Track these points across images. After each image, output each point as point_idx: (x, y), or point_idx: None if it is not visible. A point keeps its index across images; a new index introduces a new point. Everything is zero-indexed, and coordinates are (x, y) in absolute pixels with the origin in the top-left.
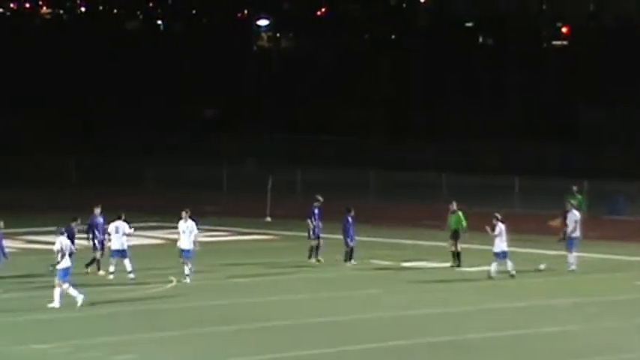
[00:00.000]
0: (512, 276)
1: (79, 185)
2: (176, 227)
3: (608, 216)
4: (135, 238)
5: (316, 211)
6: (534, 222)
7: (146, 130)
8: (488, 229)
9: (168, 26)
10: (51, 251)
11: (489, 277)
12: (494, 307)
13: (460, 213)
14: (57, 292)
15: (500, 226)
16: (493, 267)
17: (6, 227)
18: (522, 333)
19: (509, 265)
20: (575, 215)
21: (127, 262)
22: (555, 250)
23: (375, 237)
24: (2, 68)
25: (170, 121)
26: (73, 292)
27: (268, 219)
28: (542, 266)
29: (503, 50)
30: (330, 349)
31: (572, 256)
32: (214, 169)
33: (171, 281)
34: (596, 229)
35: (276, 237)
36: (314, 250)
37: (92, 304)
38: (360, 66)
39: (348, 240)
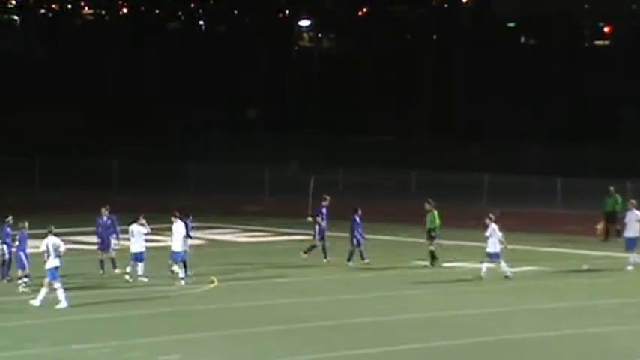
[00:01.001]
0: (506, 277)
1: (121, 187)
2: (216, 228)
3: None
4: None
5: (324, 210)
6: (575, 222)
7: (191, 132)
8: (487, 223)
9: (210, 27)
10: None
11: (479, 278)
12: (535, 307)
13: (435, 212)
14: (43, 291)
15: (493, 227)
16: (484, 267)
17: (57, 227)
18: (563, 334)
19: (503, 266)
20: (636, 215)
21: (140, 265)
22: (598, 250)
23: (415, 237)
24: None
25: (214, 123)
26: (60, 294)
27: (310, 219)
28: (584, 266)
29: (545, 50)
30: (373, 349)
31: (634, 256)
32: (256, 170)
33: (212, 281)
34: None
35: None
36: (323, 251)
37: (124, 302)
38: (402, 66)
39: (354, 240)
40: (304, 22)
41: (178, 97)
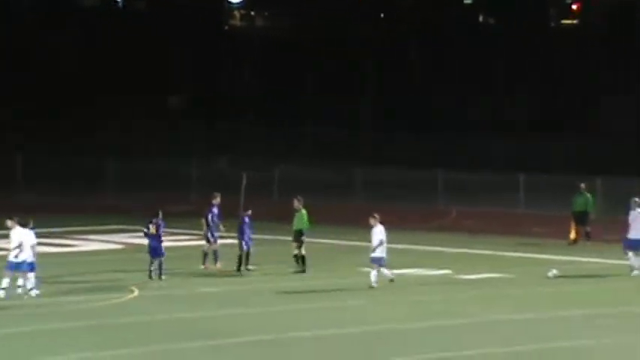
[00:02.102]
0: (391, 280)
1: (27, 184)
2: (138, 231)
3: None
4: (93, 243)
5: (215, 210)
6: (541, 223)
7: (105, 121)
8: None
9: (128, 4)
10: None
11: (370, 287)
12: (499, 318)
13: (304, 212)
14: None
15: (379, 228)
16: (373, 275)
17: None
18: (527, 349)
19: (385, 272)
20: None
21: (31, 276)
22: (566, 255)
23: (362, 241)
24: None
25: (135, 112)
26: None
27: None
28: (551, 273)
29: (506, 30)
30: None
31: (638, 260)
32: (182, 165)
33: (132, 291)
34: (613, 231)
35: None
36: (213, 254)
37: (33, 316)
38: (344, 48)
39: (243, 243)
40: None
41: (95, 84)
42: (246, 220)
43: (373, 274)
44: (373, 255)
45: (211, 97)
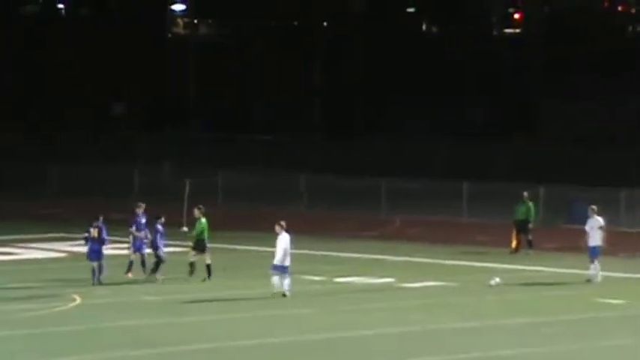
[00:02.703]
0: (284, 295)
1: None
2: (79, 239)
3: (568, 225)
4: (35, 251)
5: (141, 220)
6: (484, 232)
7: (47, 129)
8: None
9: (71, 10)
10: None
11: (273, 295)
12: (439, 327)
13: (204, 220)
14: None
15: (285, 236)
16: (275, 281)
17: None
18: (470, 357)
19: (286, 283)
20: (598, 221)
21: None
22: (508, 263)
23: (305, 249)
24: None
25: (74, 118)
26: None
27: (185, 229)
28: (493, 281)
29: (450, 39)
30: None
31: (597, 266)
32: (125, 172)
33: (74, 300)
34: (553, 240)
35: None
36: (142, 267)
37: None
38: (290, 56)
39: (158, 251)
40: (178, 7)
41: (37, 90)
42: (160, 228)
43: (275, 279)
44: (276, 263)
45: (155, 103)
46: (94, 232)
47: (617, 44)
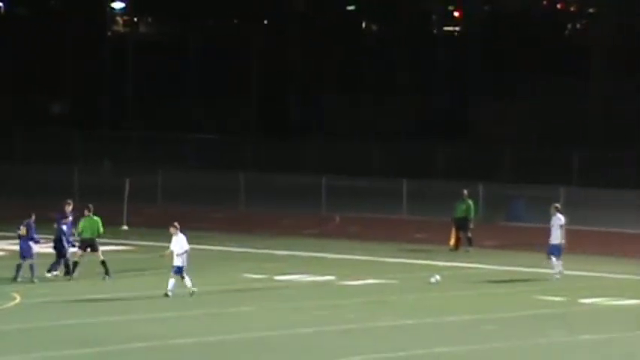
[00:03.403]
0: (191, 294)
1: None
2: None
3: (507, 222)
4: None
5: (69, 217)
6: (423, 230)
7: None
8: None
9: (9, 8)
10: None
11: (165, 295)
12: (380, 325)
13: (98, 219)
14: None
15: (180, 237)
16: (170, 283)
17: None
18: (413, 354)
19: (187, 281)
20: (559, 219)
21: None
22: (447, 261)
23: (246, 248)
24: None
25: (14, 116)
26: None
27: (125, 227)
28: (434, 279)
29: (389, 37)
30: None
31: (559, 264)
32: (64, 171)
33: (14, 299)
34: (493, 237)
35: (133, 247)
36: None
37: None
38: (229, 54)
39: (67, 246)
40: (118, 5)
41: None
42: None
43: (171, 282)
44: (175, 264)
45: (94, 102)
46: (22, 229)
47: (557, 42)
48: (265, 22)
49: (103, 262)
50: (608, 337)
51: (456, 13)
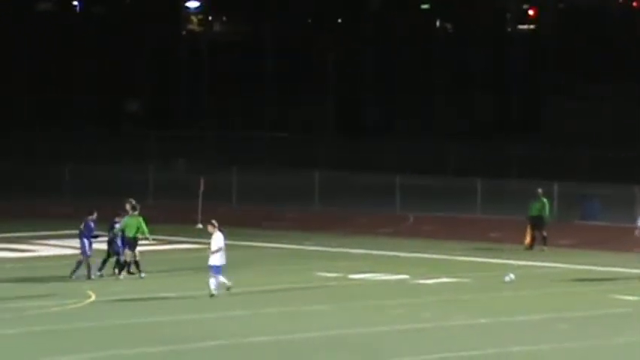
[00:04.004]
0: (228, 289)
1: None
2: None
3: (581, 221)
4: (52, 248)
5: (91, 224)
6: (497, 228)
7: (62, 127)
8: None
9: (86, 8)
10: None
11: (210, 296)
12: (454, 324)
13: (141, 218)
14: None
15: (218, 235)
16: (212, 283)
17: None
18: (487, 353)
19: (221, 279)
20: None
21: None
22: (522, 260)
23: (320, 246)
24: None
25: (89, 116)
26: None
27: (200, 226)
28: (508, 278)
29: (463, 36)
30: None
31: None
32: (138, 170)
33: (89, 297)
34: (567, 237)
35: (206, 246)
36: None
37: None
38: (304, 55)
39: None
40: (192, 4)
41: (50, 88)
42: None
43: (212, 281)
44: (211, 263)
45: (169, 101)
46: (82, 226)
47: (632, 41)
48: (339, 20)
49: (137, 263)
50: None
51: (531, 12)
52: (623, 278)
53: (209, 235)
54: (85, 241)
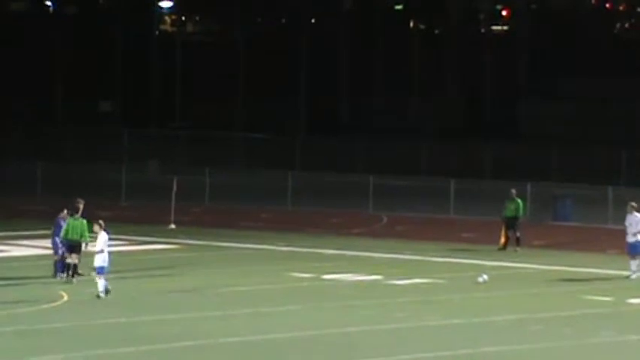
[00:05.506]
0: (104, 293)
1: None
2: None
3: (554, 222)
4: (25, 249)
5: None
6: (470, 229)
7: (32, 126)
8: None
9: (59, 8)
10: None
11: (97, 297)
12: (427, 324)
13: (85, 221)
14: None
15: (103, 236)
16: (100, 284)
17: None
18: (460, 354)
19: (102, 283)
20: (636, 217)
21: None
22: (496, 260)
23: (293, 247)
24: None
25: (63, 115)
26: None
27: (173, 226)
28: (481, 279)
29: (437, 36)
30: None
31: (636, 263)
32: (112, 170)
33: (62, 297)
34: (541, 237)
35: (180, 246)
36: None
37: None
38: (277, 54)
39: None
40: (165, 4)
41: (23, 88)
42: (62, 223)
43: (100, 283)
44: (95, 264)
45: (142, 101)
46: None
47: (605, 41)
48: (313, 20)
49: (75, 266)
50: None
51: (504, 12)
52: (597, 279)
53: (183, 236)
54: (57, 240)
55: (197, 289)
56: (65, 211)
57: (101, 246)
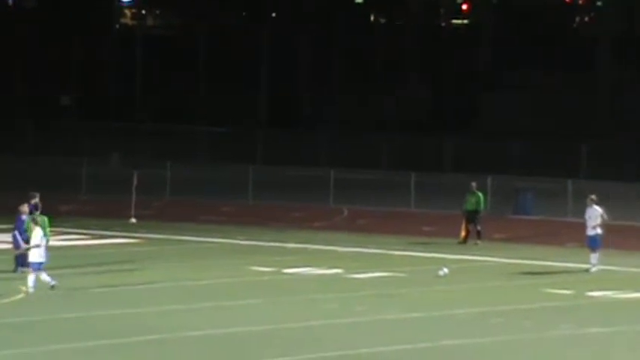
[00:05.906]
0: (52, 287)
1: None
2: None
3: (515, 215)
4: None
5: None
6: (431, 222)
7: None
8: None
9: (18, 1)
10: None
11: (26, 293)
12: (388, 318)
13: (46, 219)
14: None
15: (38, 231)
16: (30, 280)
17: None
18: (420, 347)
19: (45, 277)
20: (596, 210)
21: None
22: (456, 254)
23: (254, 240)
24: None
25: (21, 108)
26: None
27: (133, 220)
28: (442, 272)
29: (397, 30)
30: None
31: (595, 257)
32: (72, 164)
33: (21, 292)
34: (501, 230)
35: (140, 240)
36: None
37: None
38: (237, 48)
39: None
40: None
41: None
42: (23, 217)
43: (30, 278)
44: (31, 259)
45: (103, 95)
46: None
47: (565, 35)
48: (274, 14)
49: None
50: (615, 330)
51: (464, 6)
52: (557, 272)
53: (143, 230)
54: (17, 234)
55: (157, 283)
56: (26, 206)
57: (37, 241)
